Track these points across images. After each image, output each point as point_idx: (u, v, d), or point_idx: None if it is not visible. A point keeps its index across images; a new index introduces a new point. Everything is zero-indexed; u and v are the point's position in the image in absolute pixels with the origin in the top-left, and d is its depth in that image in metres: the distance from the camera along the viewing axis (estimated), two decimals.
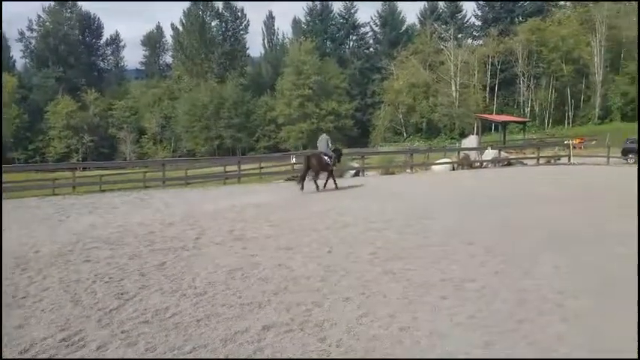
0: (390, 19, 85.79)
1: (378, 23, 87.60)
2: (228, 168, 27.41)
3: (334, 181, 17.54)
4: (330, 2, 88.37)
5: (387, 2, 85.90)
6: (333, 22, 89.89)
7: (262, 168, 29.14)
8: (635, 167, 26.13)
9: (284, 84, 76.82)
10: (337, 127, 74.16)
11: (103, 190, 21.03)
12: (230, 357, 4.54)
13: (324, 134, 19.25)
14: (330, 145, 17.97)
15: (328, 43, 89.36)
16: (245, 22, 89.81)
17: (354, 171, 25.07)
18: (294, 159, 24.94)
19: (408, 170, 25.32)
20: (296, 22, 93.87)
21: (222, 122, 77.33)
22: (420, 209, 12.49)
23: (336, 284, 6.56)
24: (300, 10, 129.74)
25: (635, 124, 54.57)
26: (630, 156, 29.16)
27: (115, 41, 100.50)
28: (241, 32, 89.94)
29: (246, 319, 5.41)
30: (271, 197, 15.61)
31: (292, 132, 74.43)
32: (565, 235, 9.36)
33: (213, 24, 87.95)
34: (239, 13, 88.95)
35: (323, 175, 17.86)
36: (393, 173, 25.15)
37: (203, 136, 77.92)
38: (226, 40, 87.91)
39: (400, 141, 67.75)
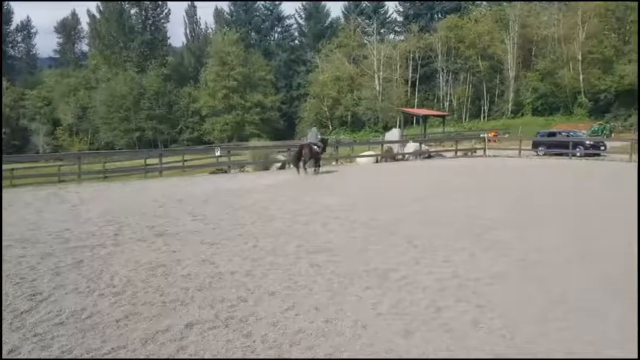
0: (314, 13, 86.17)
1: (303, 16, 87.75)
2: (149, 161, 26.60)
3: (319, 166, 20.30)
4: None
5: None
6: (258, 14, 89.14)
7: (185, 161, 28.49)
8: (544, 159, 27.83)
9: (208, 75, 75.38)
10: (263, 120, 73.75)
11: (15, 185, 19.78)
12: (151, 357, 4.41)
13: (314, 127, 22.82)
14: (318, 136, 20.68)
15: (253, 34, 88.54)
16: (166, 11, 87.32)
17: (280, 164, 25.04)
18: (219, 152, 24.54)
19: (334, 163, 25.59)
20: (218, 12, 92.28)
21: (142, 113, 74.83)
22: (346, 201, 12.67)
23: (261, 278, 6.52)
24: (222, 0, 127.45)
25: (543, 118, 58.15)
26: (540, 148, 30.93)
27: (26, 27, 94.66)
28: (162, 21, 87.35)
29: (169, 317, 5.27)
30: (194, 191, 15.28)
31: (217, 124, 73.23)
32: (481, 223, 9.82)
33: (132, 12, 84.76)
34: (159, 2, 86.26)
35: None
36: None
37: (122, 128, 75.07)
38: (146, 28, 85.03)
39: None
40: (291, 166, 20.53)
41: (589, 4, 57.82)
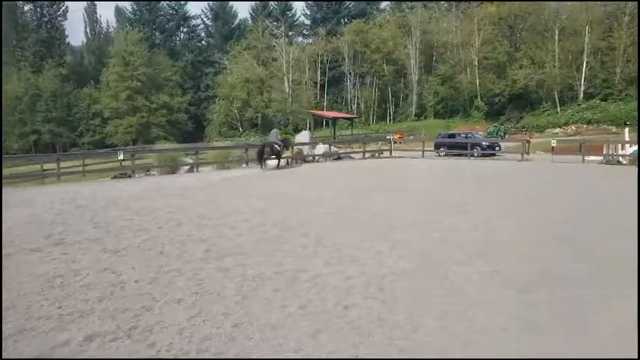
0: (221, 13, 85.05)
1: (210, 16, 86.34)
2: (47, 166, 24.98)
3: (279, 162, 23.50)
4: None
5: None
6: (162, 13, 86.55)
7: (86, 165, 27.04)
8: (445, 159, 29.19)
9: (110, 75, 72.17)
10: (170, 122, 71.71)
11: None
12: None
13: (275, 129, 26.23)
14: (278, 137, 24.42)
15: (157, 34, 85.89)
16: (63, 8, 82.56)
17: (188, 167, 24.42)
18: (122, 155, 23.50)
19: (244, 165, 25.34)
20: (120, 11, 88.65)
21: (39, 116, 70.21)
22: (256, 203, 12.58)
23: (167, 286, 6.31)
24: None
25: (444, 121, 61.09)
26: (441, 149, 32.42)
27: None
28: (59, 18, 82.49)
29: (67, 330, 4.97)
30: (95, 197, 14.53)
31: (120, 126, 70.23)
32: (388, 222, 10.11)
33: (26, 8, 79.46)
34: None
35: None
36: (228, 168, 24.97)
37: (17, 132, 69.97)
38: (42, 26, 79.96)
39: (236, 136, 67.62)
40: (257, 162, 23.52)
41: (483, 11, 61.47)
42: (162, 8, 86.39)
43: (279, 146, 23.45)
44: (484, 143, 32.46)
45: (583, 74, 52.60)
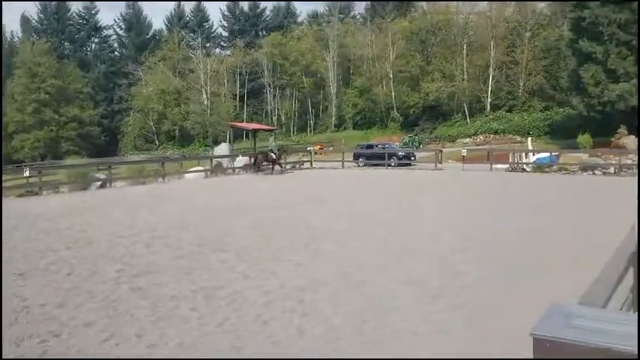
0: (135, 23, 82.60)
1: (123, 27, 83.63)
2: None
3: (280, 167, 26.32)
4: (69, 2, 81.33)
5: (132, 7, 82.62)
6: (72, 22, 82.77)
7: None
8: (364, 169, 29.86)
9: (15, 87, 67.92)
10: (81, 135, 68.43)
11: None
12: None
13: (272, 137, 29.73)
14: (275, 144, 27.24)
15: (67, 44, 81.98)
16: None
17: (100, 182, 23.41)
18: (28, 172, 22.15)
19: (160, 179, 24.67)
20: (25, 20, 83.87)
21: None
22: (172, 219, 12.27)
23: (76, 309, 6.02)
24: (30, 7, 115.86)
25: (362, 132, 62.51)
26: (360, 160, 33.14)
27: None
28: None
29: None
30: None
31: (27, 141, 66.10)
32: (307, 233, 10.20)
33: None
34: None
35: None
36: (144, 183, 24.20)
37: None
38: None
39: (152, 149, 65.64)
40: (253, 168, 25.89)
41: (397, 26, 63.69)
42: (72, 17, 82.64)
43: (275, 154, 25.75)
44: (400, 153, 33.52)
45: (489, 87, 55.59)
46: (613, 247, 3.76)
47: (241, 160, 29.51)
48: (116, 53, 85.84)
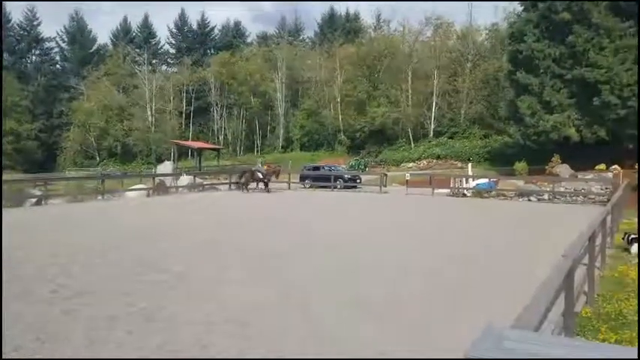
0: (78, 37, 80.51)
1: (66, 40, 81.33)
2: None
3: (267, 188, 27.14)
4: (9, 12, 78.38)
5: (76, 20, 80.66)
6: (12, 33, 79.75)
7: None
8: (310, 191, 29.97)
9: None
10: (17, 150, 65.55)
11: None
12: None
13: (260, 158, 29.18)
14: (262, 164, 29.29)
15: (6, 55, 78.78)
16: None
17: (36, 199, 22.42)
18: None
19: (100, 197, 23.89)
20: None
21: None
22: (111, 238, 11.87)
23: (5, 332, 5.69)
24: None
25: (310, 153, 62.89)
26: (307, 181, 33.25)
27: None
28: None
29: None
30: None
31: None
32: (252, 253, 10.10)
33: None
34: None
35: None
36: (82, 201, 23.36)
37: None
38: None
39: (93, 165, 63.61)
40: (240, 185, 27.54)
41: (345, 51, 64.89)
42: (12, 28, 79.66)
43: (262, 174, 27.14)
44: (346, 176, 33.86)
45: (433, 114, 57.29)
46: (546, 271, 3.92)
47: (185, 179, 29.02)
48: (58, 66, 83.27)
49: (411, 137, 56.86)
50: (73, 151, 68.08)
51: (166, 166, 33.52)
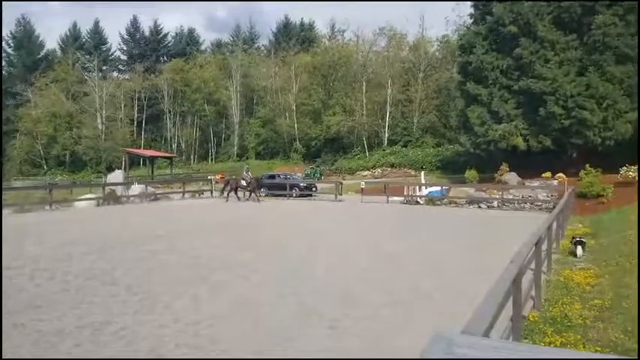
0: (25, 42, 77.86)
1: (12, 45, 78.50)
2: None
3: (256, 197, 26.60)
4: None
5: (24, 25, 78.07)
6: None
7: None
8: (266, 199, 29.84)
9: None
10: None
11: None
12: None
13: (246, 165, 30.47)
14: (248, 173, 27.90)
15: None
16: None
17: None
18: None
19: (47, 207, 23.09)
20: None
21: None
22: (59, 250, 11.50)
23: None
24: None
25: (266, 162, 62.68)
26: (262, 190, 33.03)
27: None
28: None
29: None
30: None
31: None
32: (205, 264, 9.97)
33: None
34: None
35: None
36: (29, 211, 22.52)
37: None
38: None
39: (40, 174, 61.39)
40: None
41: (301, 59, 65.14)
42: None
43: (246, 181, 26.72)
44: (302, 184, 33.90)
45: (387, 123, 58.08)
46: (495, 277, 4.05)
47: (136, 188, 28.39)
48: (4, 72, 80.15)
49: (365, 146, 57.50)
50: (19, 159, 65.56)
51: (117, 175, 32.66)
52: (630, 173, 23.98)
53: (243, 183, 27.00)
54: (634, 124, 28.80)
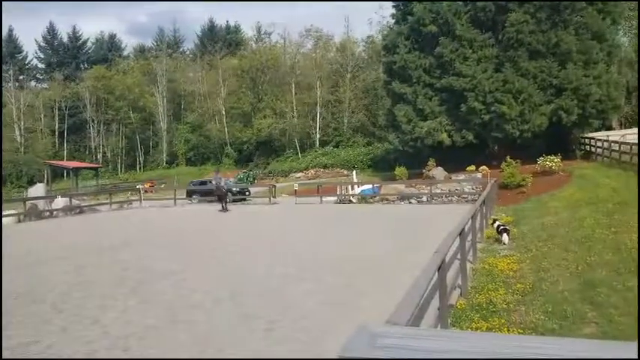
0: None
1: None
2: None
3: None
4: None
5: None
6: None
7: None
8: (198, 206, 29.32)
9: None
10: None
11: None
12: None
13: (219, 173, 28.58)
14: (219, 179, 26.17)
15: None
16: None
17: None
18: None
19: None
20: None
21: None
22: None
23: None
24: None
25: (197, 168, 61.62)
26: (194, 197, 32.46)
27: None
28: None
29: None
30: None
31: None
32: (136, 276, 9.69)
33: None
34: None
35: None
36: None
37: None
38: None
39: None
40: None
41: (228, 63, 64.48)
42: None
43: (223, 189, 25.36)
44: (235, 189, 33.53)
45: (318, 124, 58.61)
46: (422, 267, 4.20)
47: (60, 202, 27.14)
48: None
49: (298, 147, 57.70)
50: None
51: (38, 189, 31.08)
52: (547, 163, 25.35)
53: (223, 190, 25.34)
54: (548, 116, 30.57)
